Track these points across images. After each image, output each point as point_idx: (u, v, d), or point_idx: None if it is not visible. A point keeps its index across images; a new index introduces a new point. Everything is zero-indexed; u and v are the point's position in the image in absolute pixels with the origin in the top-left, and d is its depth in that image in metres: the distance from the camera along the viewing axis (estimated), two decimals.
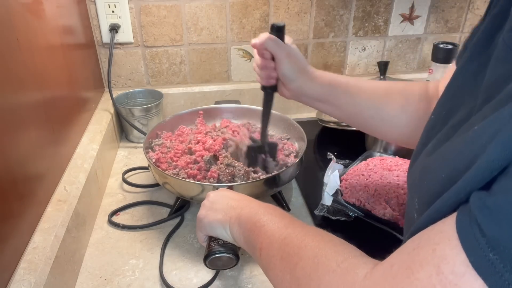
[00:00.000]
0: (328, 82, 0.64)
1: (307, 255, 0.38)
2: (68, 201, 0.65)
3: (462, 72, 0.42)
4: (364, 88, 0.64)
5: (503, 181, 0.25)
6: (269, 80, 0.67)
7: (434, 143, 0.39)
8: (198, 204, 0.78)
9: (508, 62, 0.33)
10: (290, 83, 0.65)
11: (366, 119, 0.65)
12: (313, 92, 0.65)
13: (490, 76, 0.35)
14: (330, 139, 1.08)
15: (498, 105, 0.28)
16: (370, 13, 1.15)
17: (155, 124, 0.93)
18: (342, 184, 0.80)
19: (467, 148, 0.29)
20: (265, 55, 0.64)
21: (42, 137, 0.64)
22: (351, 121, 0.68)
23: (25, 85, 0.60)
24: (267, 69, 0.65)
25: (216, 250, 0.54)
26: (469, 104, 0.38)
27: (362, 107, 0.64)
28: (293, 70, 0.64)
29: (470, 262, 0.24)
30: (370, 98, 0.63)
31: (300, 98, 0.67)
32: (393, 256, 0.31)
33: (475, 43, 0.41)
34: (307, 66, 0.65)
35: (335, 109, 0.66)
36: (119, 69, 1.10)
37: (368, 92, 0.64)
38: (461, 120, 0.37)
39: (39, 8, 0.69)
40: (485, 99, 0.33)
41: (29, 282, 0.50)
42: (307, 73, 0.65)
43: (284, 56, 0.63)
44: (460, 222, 0.26)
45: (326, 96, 0.65)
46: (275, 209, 0.50)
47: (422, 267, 0.27)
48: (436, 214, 0.29)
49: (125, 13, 1.02)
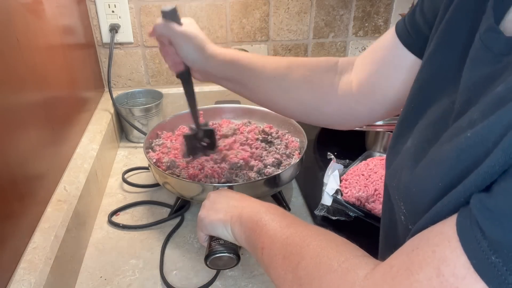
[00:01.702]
0: (229, 59, 0.63)
1: (309, 255, 0.38)
2: (68, 201, 0.65)
3: (429, 65, 0.42)
4: (267, 62, 0.63)
5: (503, 182, 0.24)
6: (177, 66, 0.66)
7: (415, 143, 0.39)
8: (198, 204, 0.78)
9: (488, 64, 0.33)
10: (193, 64, 0.64)
11: (270, 93, 0.64)
12: (216, 70, 0.64)
13: (469, 77, 0.34)
14: (330, 139, 1.08)
15: (488, 109, 0.28)
16: (370, 13, 1.15)
17: (155, 124, 0.93)
18: (342, 184, 0.80)
19: (465, 155, 0.28)
20: (163, 41, 0.63)
21: (42, 137, 0.64)
22: (257, 98, 0.67)
23: (25, 85, 0.60)
24: (169, 55, 0.64)
25: (217, 250, 0.54)
26: (442, 100, 0.38)
27: (264, 81, 0.63)
28: (191, 50, 0.62)
29: (471, 264, 0.24)
30: (272, 71, 0.62)
31: (210, 78, 0.67)
32: (393, 257, 0.31)
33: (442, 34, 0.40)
34: (207, 45, 0.63)
35: (241, 86, 0.65)
36: (119, 69, 1.10)
37: (271, 67, 0.62)
38: (437, 118, 0.37)
39: (39, 8, 0.69)
40: (466, 101, 0.33)
41: (29, 282, 0.50)
42: (207, 51, 0.63)
43: (179, 38, 0.61)
44: (460, 224, 0.26)
45: (230, 74, 0.64)
46: (276, 208, 0.50)
47: (421, 269, 0.27)
48: (435, 217, 0.29)
49: (125, 13, 1.02)
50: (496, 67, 0.31)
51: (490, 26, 0.34)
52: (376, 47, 0.56)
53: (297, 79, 0.61)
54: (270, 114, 0.95)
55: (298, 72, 0.61)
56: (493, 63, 0.32)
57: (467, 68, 0.35)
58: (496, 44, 0.32)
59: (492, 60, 0.32)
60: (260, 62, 0.63)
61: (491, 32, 0.33)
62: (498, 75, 0.31)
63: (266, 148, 0.85)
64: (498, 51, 0.32)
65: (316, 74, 0.61)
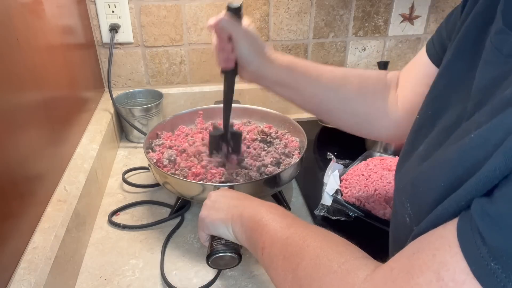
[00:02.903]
0: (286, 64, 0.64)
1: (309, 256, 0.38)
2: (68, 201, 0.65)
3: (446, 72, 0.42)
4: (323, 71, 0.64)
5: (504, 188, 0.24)
6: (228, 62, 0.65)
7: (426, 147, 0.39)
8: (199, 204, 0.78)
9: (497, 66, 0.33)
10: (248, 65, 0.63)
11: (324, 103, 0.64)
12: (271, 74, 0.64)
13: (480, 79, 0.34)
14: (330, 139, 1.08)
15: (494, 111, 0.28)
16: (370, 13, 1.15)
17: (155, 124, 0.93)
18: (342, 184, 0.80)
19: (467, 156, 0.29)
20: (222, 36, 0.62)
21: (42, 137, 0.64)
22: (310, 107, 0.67)
23: (25, 85, 0.60)
24: (225, 50, 0.63)
25: (219, 249, 0.54)
26: (457, 105, 0.38)
27: (320, 90, 0.63)
28: (251, 51, 0.62)
29: (471, 270, 0.24)
30: (328, 81, 0.63)
31: (260, 82, 0.66)
32: (393, 259, 0.31)
33: (457, 42, 0.41)
34: (266, 48, 0.64)
35: (295, 93, 0.65)
36: (119, 69, 1.10)
37: (326, 75, 0.63)
38: (451, 123, 0.37)
39: (39, 8, 0.69)
40: (476, 103, 0.33)
41: (29, 282, 0.49)
42: (265, 55, 0.63)
43: (241, 36, 0.61)
44: (461, 229, 0.26)
45: (285, 79, 0.64)
46: (277, 208, 0.50)
47: (422, 272, 0.27)
48: (436, 220, 0.29)
49: (125, 13, 1.02)
50: (505, 68, 0.32)
51: (499, 29, 0.34)
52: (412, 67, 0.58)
53: (352, 90, 0.62)
54: (270, 114, 0.95)
55: (353, 82, 0.62)
56: (502, 64, 0.32)
57: (479, 71, 0.35)
58: (505, 46, 0.33)
59: (502, 61, 0.32)
60: (316, 70, 0.63)
61: (501, 34, 0.33)
62: (506, 76, 0.31)
63: (265, 148, 0.85)
64: (507, 52, 0.32)
65: (369, 86, 0.62)
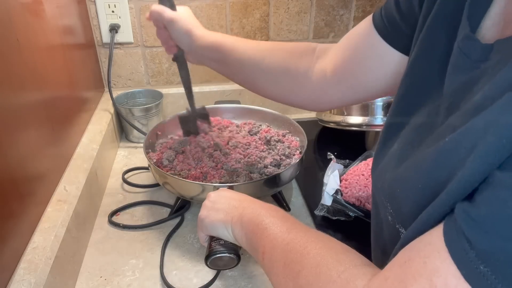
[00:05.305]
0: (213, 41, 0.66)
1: (310, 264, 0.38)
2: (68, 201, 0.65)
3: (413, 71, 0.43)
4: (250, 45, 0.66)
5: (485, 192, 0.25)
6: (171, 49, 0.71)
7: (401, 146, 0.40)
8: (199, 204, 0.78)
9: (466, 71, 0.34)
10: (184, 47, 0.69)
11: (249, 74, 0.66)
12: (203, 52, 0.67)
13: (451, 82, 0.36)
14: (330, 139, 1.08)
15: (467, 116, 0.29)
16: (370, 13, 1.15)
17: (155, 124, 0.93)
18: (342, 184, 0.80)
19: (442, 159, 0.30)
20: (158, 25, 0.67)
21: (42, 137, 0.64)
22: (238, 79, 0.70)
23: (25, 85, 0.60)
24: (164, 38, 0.69)
25: (218, 250, 0.54)
26: (427, 104, 0.39)
27: (245, 62, 0.65)
28: (181, 33, 0.66)
29: (462, 275, 0.25)
30: (253, 54, 0.65)
31: (201, 61, 0.71)
32: (387, 268, 0.31)
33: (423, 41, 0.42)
34: (194, 27, 0.67)
35: (225, 68, 0.69)
36: (119, 69, 1.10)
37: (252, 49, 0.65)
38: (423, 122, 0.39)
39: (39, 8, 0.69)
40: (448, 106, 0.35)
41: (29, 282, 0.50)
42: (194, 34, 0.66)
43: (170, 21, 0.65)
44: (447, 234, 0.27)
45: (216, 56, 0.67)
46: (277, 210, 0.50)
47: (415, 280, 0.27)
48: (423, 226, 0.30)
49: (125, 13, 1.02)
50: (474, 73, 0.33)
51: (466, 35, 0.35)
52: (352, 34, 0.58)
53: (275, 62, 0.64)
54: (270, 114, 0.95)
55: (277, 55, 0.64)
56: (471, 69, 0.34)
57: (449, 74, 0.36)
58: (473, 51, 0.34)
59: (470, 66, 0.34)
60: (242, 44, 0.66)
61: (468, 40, 0.35)
62: (476, 80, 0.32)
63: (264, 149, 0.84)
64: (475, 57, 0.34)
65: (293, 59, 0.63)
